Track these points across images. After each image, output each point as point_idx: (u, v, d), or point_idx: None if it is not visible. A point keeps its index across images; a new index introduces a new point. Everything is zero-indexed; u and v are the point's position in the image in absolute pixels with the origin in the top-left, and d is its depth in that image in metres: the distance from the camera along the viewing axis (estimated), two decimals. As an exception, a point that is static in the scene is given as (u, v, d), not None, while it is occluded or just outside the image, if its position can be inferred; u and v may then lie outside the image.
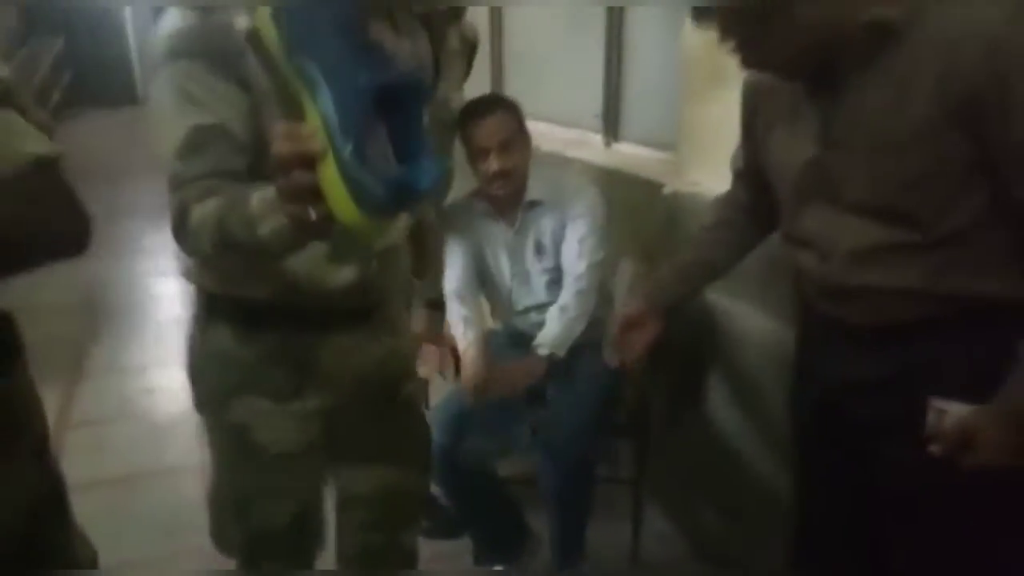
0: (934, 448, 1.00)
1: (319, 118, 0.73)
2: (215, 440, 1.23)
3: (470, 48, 1.27)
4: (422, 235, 1.44)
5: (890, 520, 1.15)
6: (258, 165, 0.96)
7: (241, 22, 0.96)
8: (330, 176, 0.70)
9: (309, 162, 0.71)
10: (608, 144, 2.62)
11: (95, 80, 8.82)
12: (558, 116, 2.99)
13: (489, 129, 1.74)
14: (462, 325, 1.87)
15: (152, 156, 1.06)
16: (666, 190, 1.98)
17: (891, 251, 1.03)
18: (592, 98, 2.66)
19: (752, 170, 1.24)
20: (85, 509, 1.18)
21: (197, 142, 0.97)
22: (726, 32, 1.02)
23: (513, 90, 3.52)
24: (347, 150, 0.69)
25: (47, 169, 0.89)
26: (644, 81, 2.46)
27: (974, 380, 1.00)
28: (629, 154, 2.50)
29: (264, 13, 0.81)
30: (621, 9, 2.48)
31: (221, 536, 1.29)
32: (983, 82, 0.90)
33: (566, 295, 1.85)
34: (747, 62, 1.06)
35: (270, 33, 0.81)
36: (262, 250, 0.88)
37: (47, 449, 1.06)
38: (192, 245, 0.98)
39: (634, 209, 2.17)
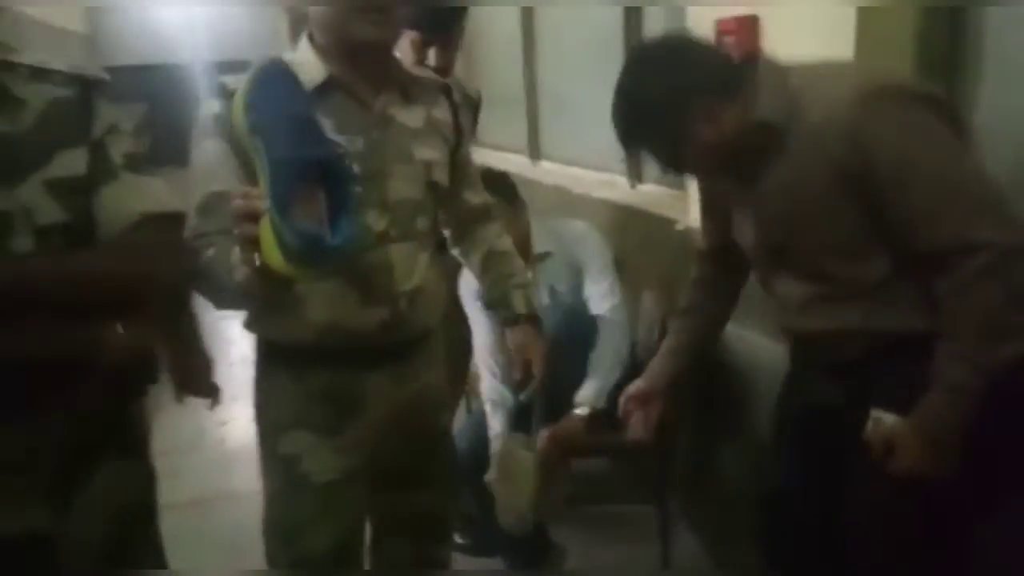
0: (872, 454, 1.14)
1: (263, 182, 0.93)
2: (268, 470, 1.36)
3: (473, 106, 1.40)
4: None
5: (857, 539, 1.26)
6: None
7: (212, 107, 1.19)
8: (265, 229, 0.89)
9: (254, 217, 0.90)
10: (633, 186, 2.79)
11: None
12: (588, 161, 3.18)
13: None
14: (490, 407, 1.98)
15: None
16: (678, 226, 2.14)
17: (826, 303, 1.20)
18: (618, 144, 2.83)
19: (716, 247, 1.42)
20: (161, 529, 1.29)
21: (209, 205, 1.18)
22: (652, 157, 1.25)
23: (549, 139, 3.74)
24: (269, 206, 0.88)
25: (155, 224, 1.08)
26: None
27: (912, 404, 1.13)
28: (651, 194, 2.67)
29: (240, 102, 1.02)
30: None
31: (273, 561, 1.38)
32: (852, 159, 1.07)
33: (599, 348, 1.95)
34: (676, 172, 1.32)
35: (239, 115, 1.02)
36: (240, 295, 1.06)
37: (150, 457, 1.24)
38: (198, 289, 1.18)
39: (654, 244, 2.33)
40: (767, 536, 1.50)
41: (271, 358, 1.35)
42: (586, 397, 1.91)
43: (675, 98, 1.15)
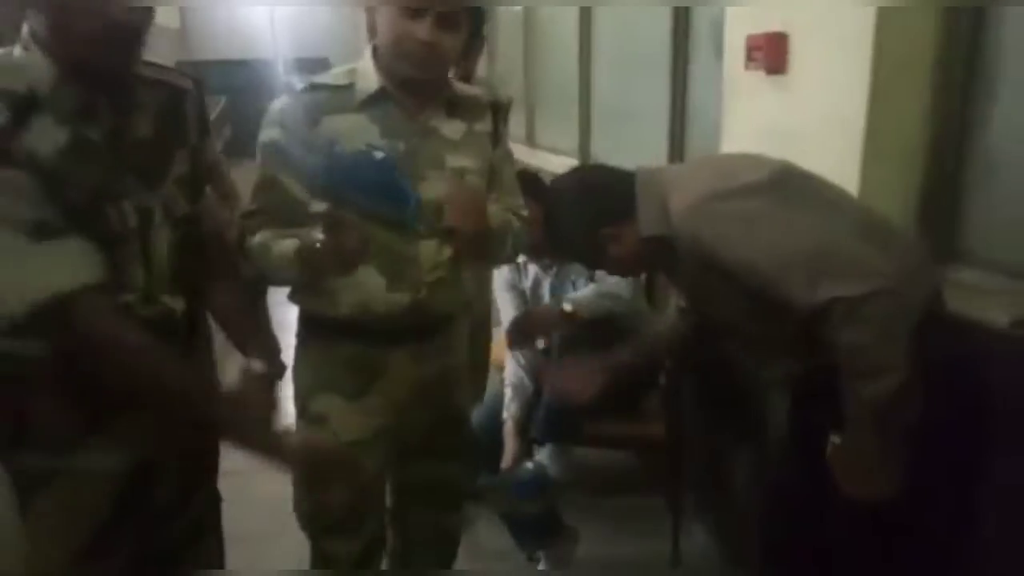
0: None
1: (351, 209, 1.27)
2: (300, 427, 1.50)
3: (504, 111, 1.53)
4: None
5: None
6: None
7: (281, 100, 1.41)
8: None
9: (364, 245, 1.23)
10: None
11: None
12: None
13: None
14: (510, 391, 2.10)
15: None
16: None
17: (773, 351, 1.35)
18: (660, 152, 2.91)
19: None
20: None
21: (263, 185, 1.40)
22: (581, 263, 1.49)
23: (599, 146, 3.82)
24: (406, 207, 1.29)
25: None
26: (703, 139, 2.71)
27: None
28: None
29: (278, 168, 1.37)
30: (684, 87, 2.77)
31: (299, 510, 1.52)
32: (704, 258, 1.22)
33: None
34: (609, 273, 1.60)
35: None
36: (279, 279, 1.36)
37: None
38: (248, 264, 1.39)
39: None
40: (773, 538, 1.58)
41: (308, 328, 1.50)
42: (574, 298, 2.00)
43: (581, 230, 1.39)
